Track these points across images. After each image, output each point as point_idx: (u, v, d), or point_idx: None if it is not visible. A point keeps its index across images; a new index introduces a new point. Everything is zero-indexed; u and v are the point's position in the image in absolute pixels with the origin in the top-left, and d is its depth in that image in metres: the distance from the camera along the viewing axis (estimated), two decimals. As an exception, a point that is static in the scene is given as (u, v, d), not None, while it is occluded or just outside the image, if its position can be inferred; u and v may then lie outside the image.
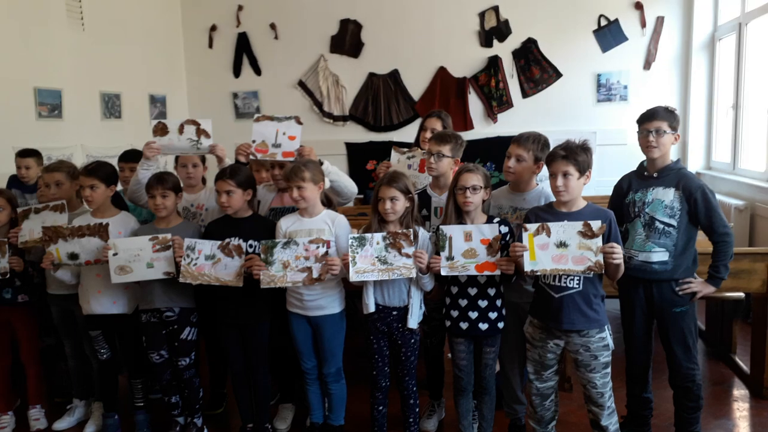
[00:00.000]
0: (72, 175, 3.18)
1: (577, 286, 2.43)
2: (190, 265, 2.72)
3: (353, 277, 2.62)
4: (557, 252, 2.38)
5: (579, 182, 2.42)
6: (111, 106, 5.72)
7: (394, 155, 3.27)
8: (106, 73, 5.61)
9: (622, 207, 2.74)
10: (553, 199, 2.57)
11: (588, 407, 2.56)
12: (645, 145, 2.66)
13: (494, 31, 6.36)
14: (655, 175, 2.67)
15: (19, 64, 4.71)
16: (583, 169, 2.41)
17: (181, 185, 3.04)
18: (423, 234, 2.71)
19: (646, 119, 2.65)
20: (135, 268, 2.77)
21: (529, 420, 2.74)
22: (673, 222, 2.60)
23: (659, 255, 2.63)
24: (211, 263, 2.73)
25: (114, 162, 3.30)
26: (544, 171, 2.60)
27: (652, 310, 2.71)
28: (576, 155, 2.39)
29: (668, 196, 2.62)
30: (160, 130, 3.05)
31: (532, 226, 2.41)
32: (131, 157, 3.41)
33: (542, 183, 2.68)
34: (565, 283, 2.44)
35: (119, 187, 3.20)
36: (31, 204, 3.17)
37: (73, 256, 2.85)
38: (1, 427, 3.20)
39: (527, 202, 2.74)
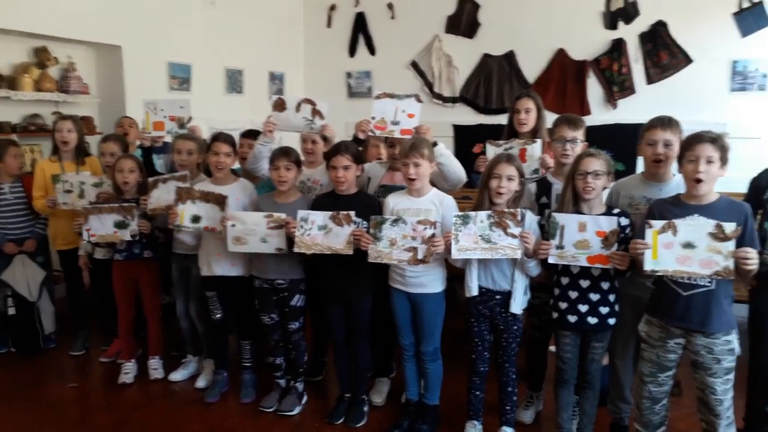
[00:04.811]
0: (200, 147, 3.39)
1: (709, 284, 2.25)
2: (304, 236, 2.80)
3: (455, 254, 2.58)
4: (683, 253, 2.20)
5: (718, 173, 2.22)
6: (234, 81, 6.04)
7: (490, 149, 3.11)
8: (230, 50, 5.92)
9: (760, 204, 2.50)
10: None
11: (703, 415, 2.38)
12: None
13: (620, 12, 5.98)
14: None
15: (155, 39, 5.08)
16: (725, 159, 2.22)
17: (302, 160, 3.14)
18: (530, 217, 2.62)
19: None
20: (250, 241, 2.91)
21: (634, 423, 2.59)
22: None
23: (799, 257, 2.37)
24: (324, 233, 2.79)
25: (235, 135, 3.47)
26: None
27: None
28: (722, 141, 2.21)
29: None
30: (279, 105, 3.18)
31: (657, 223, 2.24)
32: (252, 134, 3.58)
33: (679, 174, 2.46)
34: (695, 280, 2.26)
35: (236, 165, 3.38)
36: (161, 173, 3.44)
37: (196, 219, 3.03)
38: (125, 373, 3.50)
39: (664, 194, 2.50)
